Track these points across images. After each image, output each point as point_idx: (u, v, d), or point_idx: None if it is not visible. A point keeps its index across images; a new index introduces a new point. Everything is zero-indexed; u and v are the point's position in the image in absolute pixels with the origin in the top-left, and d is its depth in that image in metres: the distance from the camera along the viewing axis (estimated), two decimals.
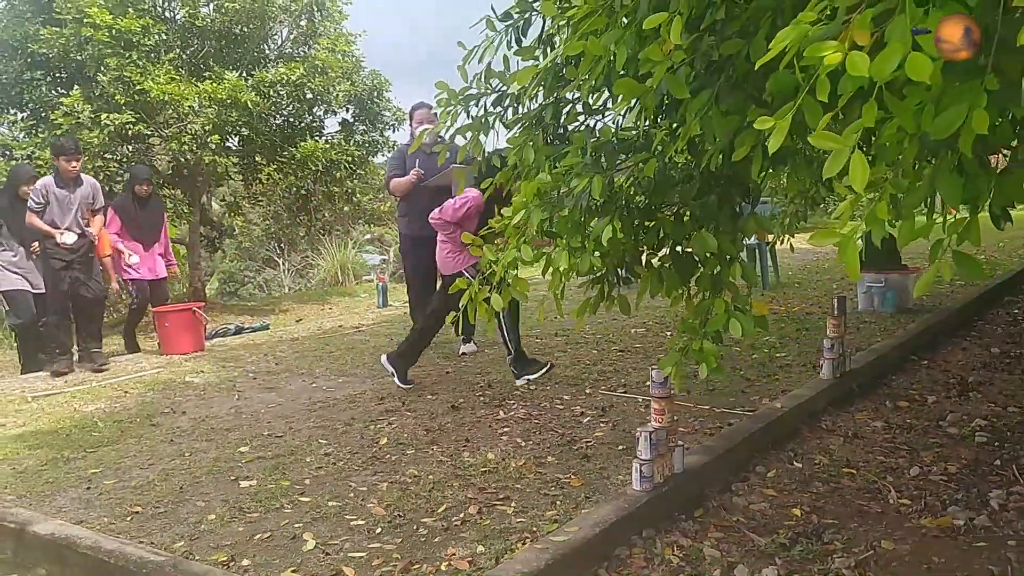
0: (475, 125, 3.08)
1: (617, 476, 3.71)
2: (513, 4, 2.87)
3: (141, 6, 10.12)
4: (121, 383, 6.14)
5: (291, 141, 11.40)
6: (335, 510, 3.47)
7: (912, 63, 1.33)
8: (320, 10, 11.41)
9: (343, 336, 7.73)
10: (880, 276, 7.41)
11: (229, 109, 9.91)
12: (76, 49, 9.73)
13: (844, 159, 1.43)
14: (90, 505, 3.66)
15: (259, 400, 5.37)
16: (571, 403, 4.89)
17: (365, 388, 5.49)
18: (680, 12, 1.86)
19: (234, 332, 8.43)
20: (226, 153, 11.04)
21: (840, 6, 1.49)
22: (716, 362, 2.68)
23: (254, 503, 3.57)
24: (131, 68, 9.55)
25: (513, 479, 3.72)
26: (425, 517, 3.36)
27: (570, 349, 6.40)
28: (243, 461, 4.12)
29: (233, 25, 10.88)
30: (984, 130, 1.46)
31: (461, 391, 5.26)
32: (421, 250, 6.49)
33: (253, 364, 6.60)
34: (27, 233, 6.82)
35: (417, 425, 4.57)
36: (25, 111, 10.74)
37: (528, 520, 3.28)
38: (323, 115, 12.16)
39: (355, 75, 11.72)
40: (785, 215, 4.82)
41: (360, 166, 12.15)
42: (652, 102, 2.07)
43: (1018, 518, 3.41)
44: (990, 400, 4.85)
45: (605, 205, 2.67)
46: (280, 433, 4.57)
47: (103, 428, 4.85)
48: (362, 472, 3.90)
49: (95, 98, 9.79)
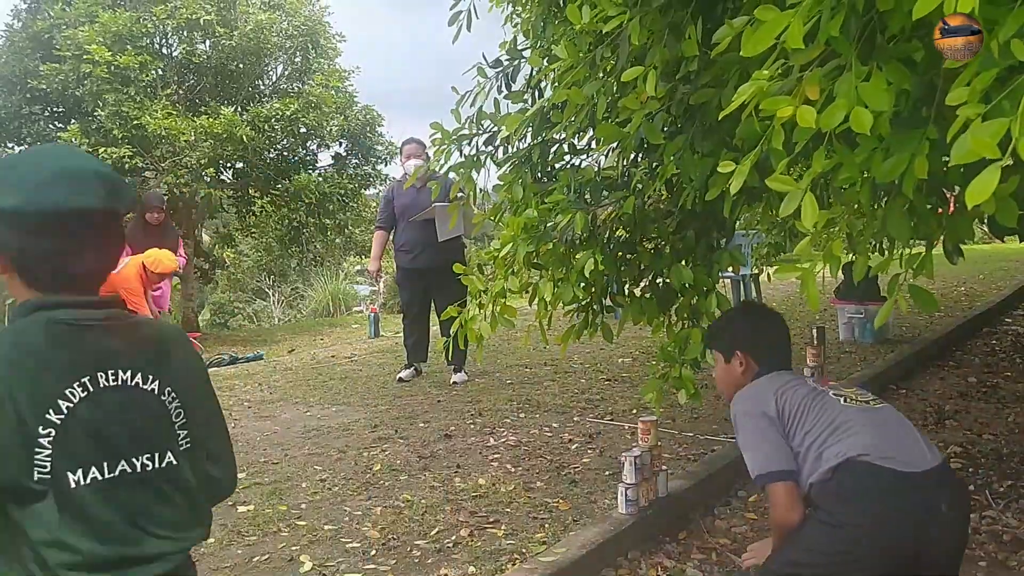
0: (467, 163, 3.25)
1: (604, 500, 3.83)
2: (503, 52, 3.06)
3: (139, 43, 10.34)
4: None
5: (285, 174, 11.59)
6: (331, 533, 3.58)
7: (856, 117, 1.50)
8: (314, 47, 11.65)
9: (336, 366, 7.84)
10: (860, 307, 7.58)
11: (224, 143, 10.11)
12: (75, 84, 9.92)
13: (797, 200, 1.59)
14: None
15: (254, 428, 5.48)
16: (559, 430, 5.02)
17: (359, 416, 5.61)
18: (655, 66, 2.04)
19: (228, 362, 8.53)
20: (220, 186, 11.21)
21: (794, 64, 1.67)
22: (694, 388, 2.84)
23: (252, 527, 3.68)
24: (129, 103, 9.75)
25: (503, 503, 3.85)
26: (418, 540, 3.48)
27: (559, 378, 6.54)
28: (240, 487, 4.23)
29: (229, 61, 11.11)
30: (924, 175, 1.62)
31: (452, 419, 5.39)
32: (415, 281, 6.66)
33: (248, 393, 6.71)
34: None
35: (410, 452, 4.69)
36: (23, 145, 10.92)
37: (518, 542, 3.40)
38: (317, 149, 12.39)
39: (348, 110, 11.95)
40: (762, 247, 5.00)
41: (352, 199, 12.35)
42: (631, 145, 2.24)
43: (990, 540, 3.56)
44: (966, 428, 5.01)
45: (588, 239, 2.83)
46: (276, 460, 4.69)
47: None
48: (356, 497, 4.02)
49: (93, 132, 9.98)
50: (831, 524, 2.09)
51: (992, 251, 15.99)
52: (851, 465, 2.09)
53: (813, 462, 2.16)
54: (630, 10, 2.09)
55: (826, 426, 2.15)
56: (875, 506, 2.05)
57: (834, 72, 1.66)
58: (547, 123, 2.89)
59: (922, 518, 2.03)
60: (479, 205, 4.20)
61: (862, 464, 2.07)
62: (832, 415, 2.17)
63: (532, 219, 2.80)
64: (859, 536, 2.05)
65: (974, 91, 1.30)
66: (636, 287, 3.19)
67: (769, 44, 1.60)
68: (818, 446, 2.15)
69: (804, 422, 2.19)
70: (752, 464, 2.22)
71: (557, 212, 2.75)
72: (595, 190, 2.98)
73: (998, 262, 13.60)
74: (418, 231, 6.49)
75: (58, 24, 10.33)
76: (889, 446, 2.11)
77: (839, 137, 1.71)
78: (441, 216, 6.11)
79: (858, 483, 2.08)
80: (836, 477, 2.10)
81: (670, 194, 2.86)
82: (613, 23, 2.11)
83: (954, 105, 1.33)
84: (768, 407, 2.24)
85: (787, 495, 2.15)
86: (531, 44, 3.15)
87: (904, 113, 1.77)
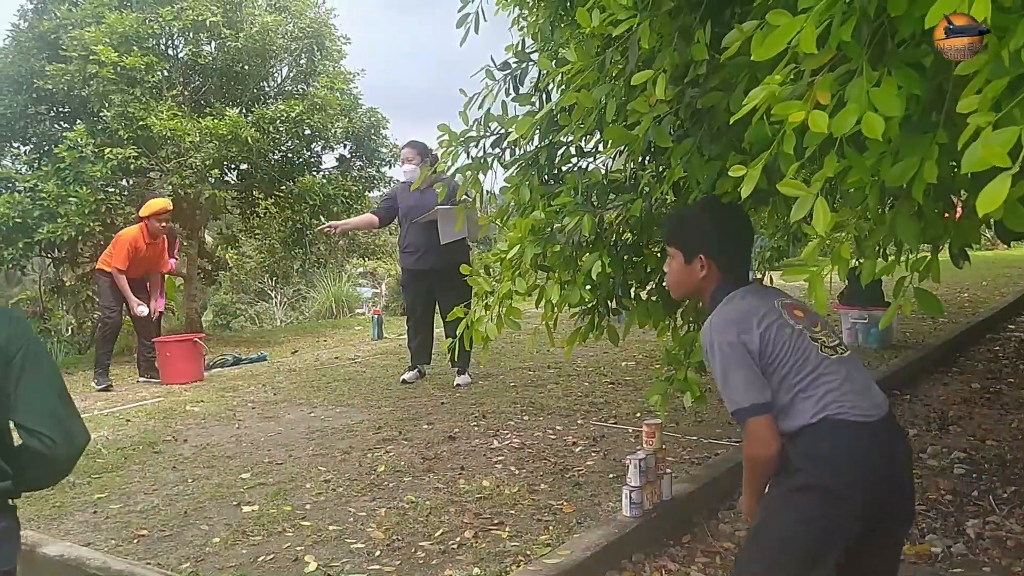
0: (474, 165, 3.26)
1: (608, 503, 3.84)
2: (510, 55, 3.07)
3: (146, 44, 10.33)
4: (123, 411, 6.25)
5: (289, 176, 11.59)
6: (335, 534, 3.59)
7: (867, 121, 1.51)
8: (320, 49, 11.65)
9: (340, 367, 7.85)
10: (864, 312, 7.59)
11: (229, 144, 10.10)
12: (81, 85, 9.92)
13: (809, 204, 1.60)
14: (97, 528, 3.77)
15: (259, 429, 5.49)
16: (563, 433, 5.02)
17: (362, 418, 5.62)
18: (664, 70, 2.05)
19: (232, 363, 8.54)
20: (225, 187, 11.22)
21: (806, 68, 1.68)
22: (700, 391, 2.84)
23: (257, 527, 3.69)
24: (135, 104, 9.75)
25: (508, 505, 3.85)
26: (423, 541, 3.49)
27: (562, 381, 6.55)
28: (245, 487, 4.24)
29: (235, 63, 11.10)
30: (934, 179, 1.63)
31: (456, 421, 5.39)
32: (419, 283, 6.69)
33: (252, 394, 6.72)
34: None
35: (414, 453, 4.70)
36: (29, 144, 10.93)
37: (522, 544, 3.41)
38: (321, 151, 12.38)
39: (353, 112, 11.94)
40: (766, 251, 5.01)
41: (356, 201, 12.33)
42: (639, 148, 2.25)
43: (993, 546, 3.56)
44: (969, 434, 5.01)
45: (595, 241, 2.84)
46: (280, 460, 4.70)
47: (107, 455, 4.96)
48: (361, 498, 4.03)
49: (99, 132, 9.98)
50: (813, 487, 2.06)
51: (995, 257, 16.00)
52: (829, 423, 2.06)
53: (787, 407, 2.12)
54: (639, 14, 2.10)
55: (807, 374, 2.10)
56: (856, 464, 2.05)
57: (845, 77, 1.67)
58: (554, 126, 2.90)
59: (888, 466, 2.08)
60: (484, 208, 4.21)
61: (839, 422, 2.06)
62: (813, 364, 2.11)
63: (539, 221, 2.81)
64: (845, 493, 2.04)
65: (985, 99, 1.31)
66: (643, 290, 3.20)
67: (781, 48, 1.61)
68: (796, 393, 2.11)
69: (785, 364, 2.12)
70: (732, 394, 2.13)
71: (564, 214, 2.76)
72: (602, 193, 2.99)
73: (1001, 268, 13.61)
74: (422, 233, 6.51)
75: (64, 24, 10.33)
76: (859, 399, 2.10)
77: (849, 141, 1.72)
78: (444, 218, 6.14)
79: (836, 441, 2.06)
80: (814, 433, 2.08)
81: (677, 197, 2.86)
82: (623, 27, 2.12)
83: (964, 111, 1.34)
84: (750, 338, 2.14)
85: (768, 427, 2.09)
86: (539, 47, 3.16)
87: (914, 117, 1.78)
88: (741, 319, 2.18)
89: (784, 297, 2.32)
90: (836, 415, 2.05)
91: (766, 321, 2.16)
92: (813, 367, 2.10)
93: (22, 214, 9.40)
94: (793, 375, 2.11)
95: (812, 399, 2.08)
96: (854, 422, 2.06)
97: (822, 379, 2.09)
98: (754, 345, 2.13)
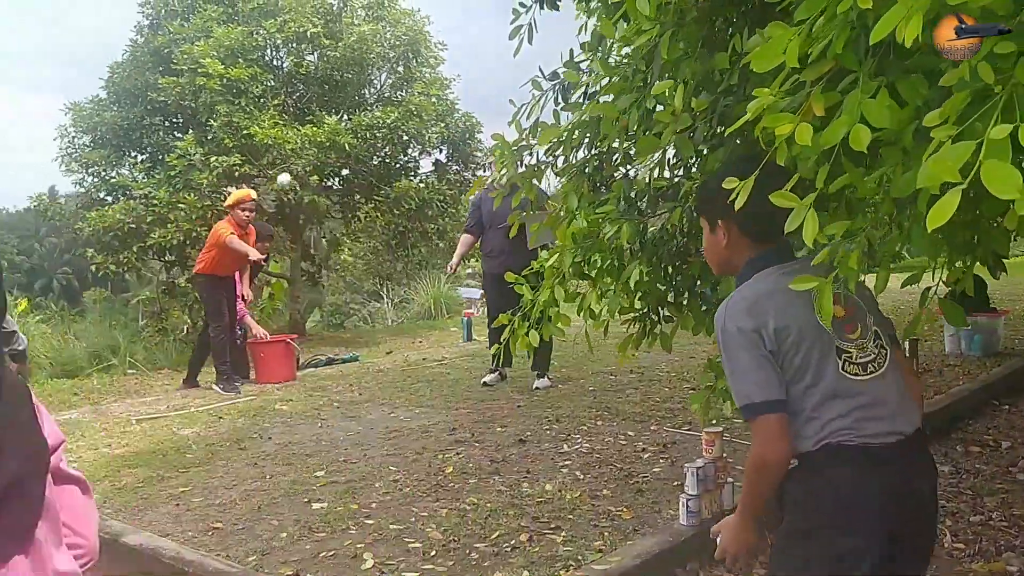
0: (527, 173, 3.30)
1: (669, 511, 3.81)
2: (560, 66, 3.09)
3: (250, 56, 10.82)
4: (217, 409, 6.57)
5: (387, 181, 11.91)
6: (396, 533, 3.69)
7: (854, 134, 1.48)
8: (415, 56, 11.92)
9: (426, 368, 8.02)
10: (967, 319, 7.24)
11: (328, 151, 10.47)
12: (191, 96, 10.48)
13: (801, 217, 1.58)
14: (177, 520, 3.99)
15: (340, 428, 5.68)
16: (635, 439, 5.01)
17: (439, 419, 5.74)
18: (685, 81, 2.05)
19: (325, 363, 8.84)
20: (326, 192, 11.62)
21: (806, 79, 1.65)
22: None
23: (323, 524, 3.83)
24: (239, 114, 10.23)
25: (567, 510, 3.88)
26: (478, 543, 3.55)
27: (642, 386, 6.51)
28: (317, 484, 4.41)
29: (335, 72, 11.50)
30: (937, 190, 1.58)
31: (529, 424, 5.44)
32: (502, 285, 6.74)
33: (339, 394, 6.95)
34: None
35: (483, 456, 4.77)
36: (144, 154, 11.60)
37: (575, 549, 3.43)
38: (419, 156, 12.67)
39: (449, 117, 12.17)
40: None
41: (452, 204, 12.57)
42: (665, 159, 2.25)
43: None
44: None
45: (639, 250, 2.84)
46: (355, 460, 4.85)
47: (196, 450, 5.24)
48: (425, 498, 4.12)
49: (207, 141, 10.51)
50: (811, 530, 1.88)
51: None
52: (829, 451, 1.85)
53: (798, 421, 1.89)
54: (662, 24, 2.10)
55: (819, 393, 1.87)
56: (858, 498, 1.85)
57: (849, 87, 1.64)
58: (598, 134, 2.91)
59: (899, 498, 1.85)
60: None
61: (839, 447, 1.85)
62: (828, 382, 1.87)
63: (582, 229, 2.83)
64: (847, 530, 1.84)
65: (944, 113, 1.27)
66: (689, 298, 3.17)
67: (777, 61, 1.60)
68: (804, 412, 1.89)
69: (800, 377, 1.89)
70: (741, 388, 1.90)
71: (605, 223, 2.77)
72: (651, 201, 2.99)
73: None
74: (504, 237, 6.57)
75: (176, 39, 10.94)
76: (875, 423, 1.86)
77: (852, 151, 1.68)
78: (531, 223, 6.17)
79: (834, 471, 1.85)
80: (811, 463, 1.88)
81: None
82: (644, 36, 2.12)
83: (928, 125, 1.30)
84: (765, 327, 1.88)
85: (780, 426, 1.84)
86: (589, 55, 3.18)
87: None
88: (761, 308, 1.91)
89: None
90: (838, 441, 1.85)
91: (788, 318, 1.89)
92: (827, 386, 1.87)
93: (136, 220, 9.99)
94: (804, 391, 1.89)
95: (817, 422, 1.87)
96: (857, 447, 1.84)
97: (834, 401, 1.87)
98: (769, 336, 1.88)
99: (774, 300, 1.91)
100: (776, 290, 1.92)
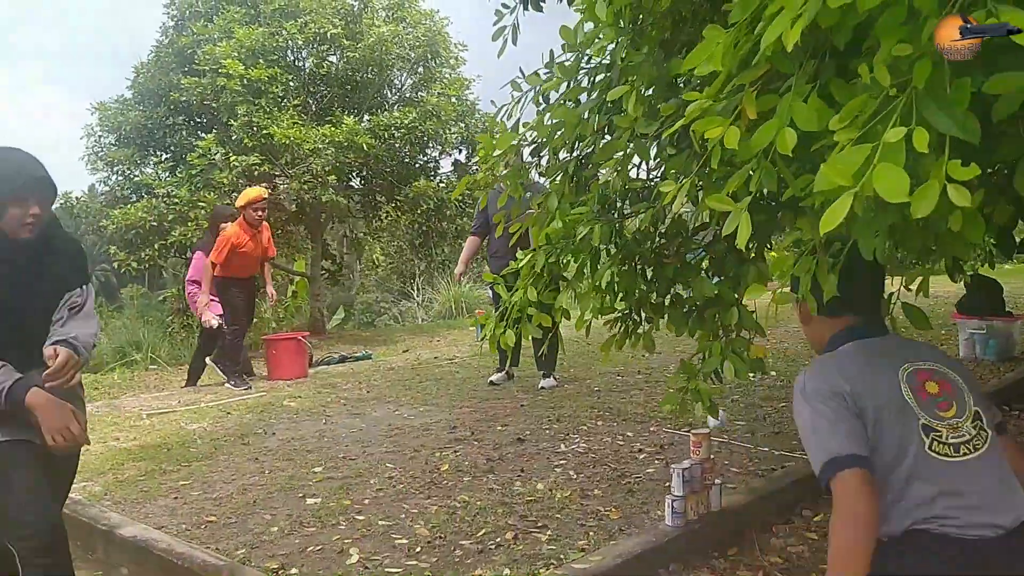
0: (511, 174, 3.33)
1: (657, 511, 3.81)
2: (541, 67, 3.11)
3: (271, 57, 10.94)
4: (226, 404, 6.67)
5: (406, 181, 11.99)
6: (384, 529, 3.73)
7: (780, 137, 1.49)
8: (434, 57, 11.98)
9: (436, 367, 8.08)
10: (982, 323, 7.16)
11: (346, 151, 10.56)
12: (212, 97, 10.62)
13: (737, 220, 1.60)
14: (173, 513, 4.06)
15: (343, 425, 5.74)
16: (632, 439, 5.01)
17: (441, 417, 5.78)
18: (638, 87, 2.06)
19: (337, 361, 8.93)
20: (347, 192, 11.72)
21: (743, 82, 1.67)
22: (710, 402, 2.81)
23: (314, 519, 3.88)
24: (259, 114, 10.35)
25: (556, 509, 3.89)
26: (464, 540, 3.58)
27: (647, 387, 6.51)
28: (314, 480, 4.46)
29: (355, 72, 11.60)
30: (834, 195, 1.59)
31: (529, 423, 5.47)
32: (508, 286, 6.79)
33: (347, 391, 7.02)
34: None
35: (479, 454, 4.80)
36: (168, 153, 11.78)
37: (558, 548, 3.45)
38: (438, 156, 12.75)
39: (468, 118, 12.23)
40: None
41: (471, 205, 12.62)
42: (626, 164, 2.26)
43: None
44: None
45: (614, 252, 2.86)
46: (354, 456, 4.91)
47: (200, 445, 5.32)
48: (417, 496, 4.16)
49: (227, 141, 10.65)
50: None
51: None
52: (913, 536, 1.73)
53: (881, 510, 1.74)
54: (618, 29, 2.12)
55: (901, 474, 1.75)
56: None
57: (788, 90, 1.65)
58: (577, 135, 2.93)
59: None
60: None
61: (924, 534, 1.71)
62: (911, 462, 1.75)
63: (557, 230, 2.85)
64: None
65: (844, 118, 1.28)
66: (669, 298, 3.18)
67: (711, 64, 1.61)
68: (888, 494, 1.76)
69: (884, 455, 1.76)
70: (822, 443, 1.74)
71: (579, 224, 2.79)
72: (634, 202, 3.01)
73: None
74: (509, 237, 6.61)
75: (199, 40, 11.10)
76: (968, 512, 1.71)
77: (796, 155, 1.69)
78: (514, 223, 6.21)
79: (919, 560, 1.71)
80: (895, 548, 1.75)
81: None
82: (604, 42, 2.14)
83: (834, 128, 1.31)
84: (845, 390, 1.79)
85: (866, 480, 1.67)
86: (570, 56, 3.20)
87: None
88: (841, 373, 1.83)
89: (920, 360, 1.90)
90: (925, 528, 1.71)
91: (866, 385, 1.80)
92: (910, 466, 1.75)
93: (158, 218, 10.15)
94: (887, 471, 1.75)
95: (901, 505, 1.74)
96: (951, 537, 1.68)
97: (916, 484, 1.74)
98: (852, 403, 1.78)
99: (855, 369, 1.85)
100: (856, 360, 1.87)
